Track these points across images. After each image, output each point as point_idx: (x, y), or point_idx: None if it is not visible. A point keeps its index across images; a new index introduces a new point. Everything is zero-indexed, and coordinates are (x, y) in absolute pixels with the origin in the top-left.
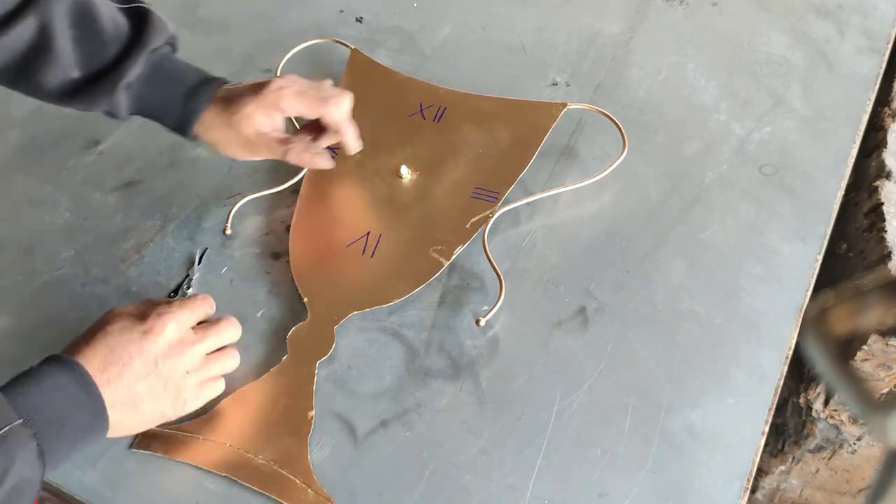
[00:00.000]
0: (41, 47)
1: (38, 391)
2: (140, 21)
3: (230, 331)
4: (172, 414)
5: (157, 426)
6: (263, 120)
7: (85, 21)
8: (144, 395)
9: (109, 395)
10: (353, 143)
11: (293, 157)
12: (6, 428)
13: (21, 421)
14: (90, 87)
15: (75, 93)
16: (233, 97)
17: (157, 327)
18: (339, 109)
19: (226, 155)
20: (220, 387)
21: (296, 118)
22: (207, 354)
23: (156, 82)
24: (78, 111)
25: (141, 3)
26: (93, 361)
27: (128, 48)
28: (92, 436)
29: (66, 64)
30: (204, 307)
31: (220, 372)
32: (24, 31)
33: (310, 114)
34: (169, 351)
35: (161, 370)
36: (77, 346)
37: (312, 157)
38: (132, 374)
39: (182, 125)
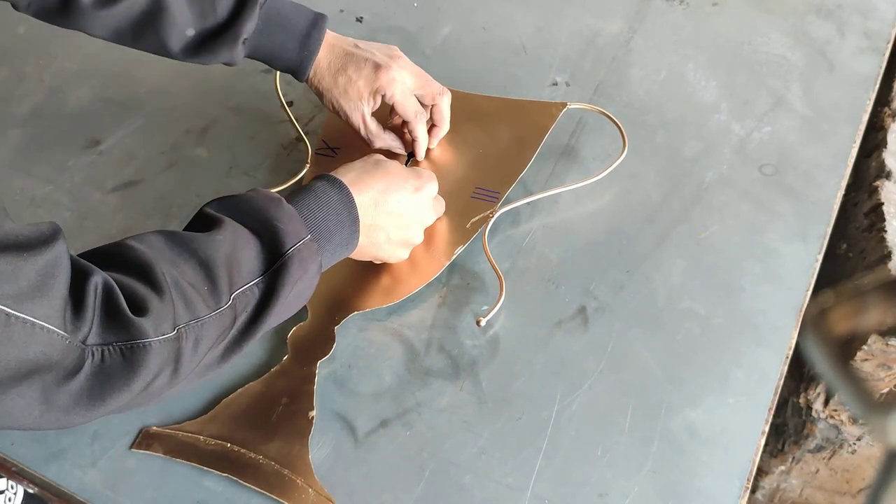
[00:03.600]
0: (155, 10)
1: (319, 208)
2: None
3: (437, 183)
4: (387, 257)
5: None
6: (356, 102)
7: None
8: (388, 233)
9: (364, 220)
10: (435, 141)
11: (375, 145)
12: (301, 241)
13: (310, 236)
14: (209, 43)
15: (196, 49)
16: (352, 55)
17: (427, 189)
18: (446, 100)
19: (327, 104)
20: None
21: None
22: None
23: (271, 32)
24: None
25: None
26: (365, 191)
27: (240, 7)
28: (344, 250)
29: (182, 23)
30: (436, 182)
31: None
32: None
33: (403, 113)
34: (422, 205)
35: (409, 223)
36: (352, 173)
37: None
38: (388, 217)
39: (297, 72)
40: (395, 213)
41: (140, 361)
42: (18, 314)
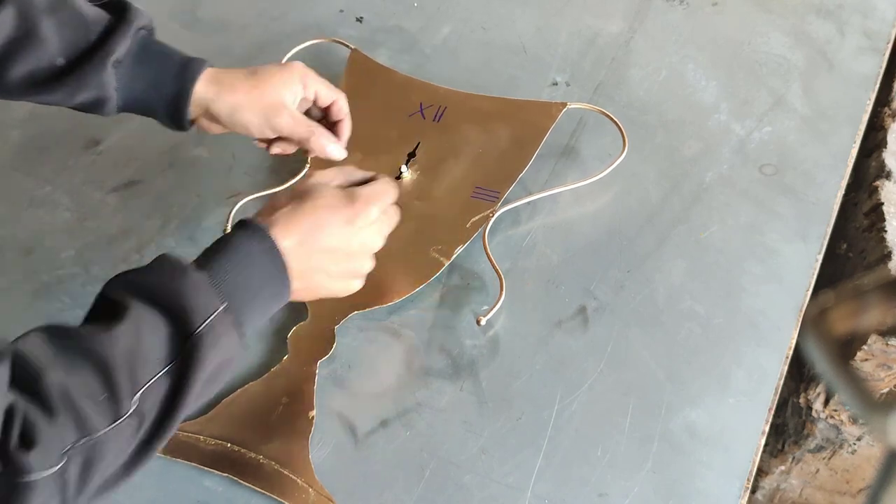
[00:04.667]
0: (24, 36)
1: (234, 268)
2: (119, 8)
3: (394, 190)
4: (336, 293)
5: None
6: (288, 91)
7: (63, 7)
8: (329, 271)
9: (296, 266)
10: (348, 134)
11: (316, 141)
12: (212, 316)
13: (224, 306)
14: (77, 69)
15: (61, 79)
16: (250, 68)
17: (363, 216)
18: (346, 101)
19: (238, 122)
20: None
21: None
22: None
23: (146, 58)
24: (64, 106)
25: None
26: (292, 234)
27: (112, 27)
28: (275, 305)
29: (51, 51)
30: (396, 190)
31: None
32: (2, 22)
33: (328, 95)
34: (364, 237)
35: (349, 256)
36: (278, 214)
37: (331, 146)
38: (324, 255)
39: (179, 97)
40: (329, 250)
41: (20, 499)
42: None
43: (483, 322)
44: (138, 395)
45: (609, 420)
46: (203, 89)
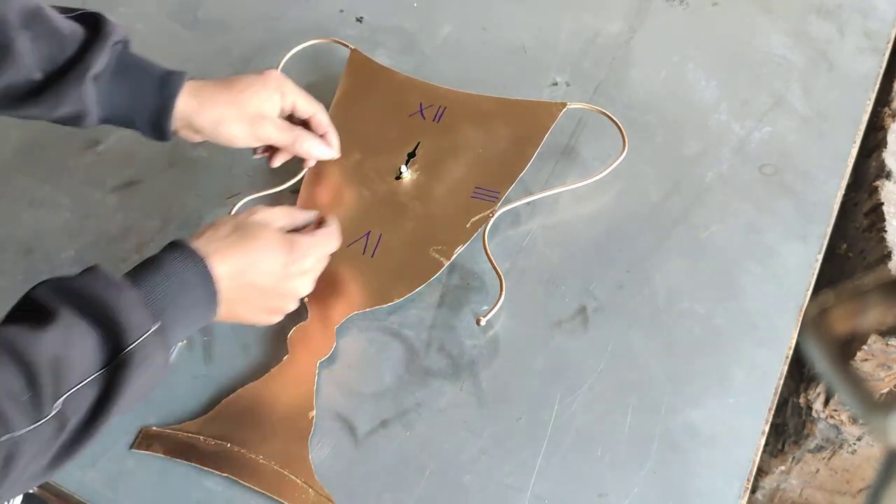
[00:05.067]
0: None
1: (169, 289)
2: (93, 22)
3: (335, 242)
4: (254, 323)
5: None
6: (267, 100)
7: (38, 21)
8: (253, 305)
9: (224, 294)
10: (336, 144)
11: (302, 145)
12: (145, 335)
13: (156, 327)
14: (55, 83)
15: (39, 93)
16: (228, 79)
17: (298, 266)
18: (326, 113)
19: (222, 134)
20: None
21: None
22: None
23: (125, 72)
24: (43, 120)
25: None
26: (225, 265)
27: (89, 41)
28: (200, 323)
29: (28, 65)
30: (337, 240)
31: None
32: None
33: (306, 108)
34: (291, 284)
35: (274, 297)
36: (216, 243)
37: (319, 148)
38: (252, 291)
39: (161, 111)
40: (257, 289)
41: None
42: None
43: (483, 322)
44: (61, 400)
45: (609, 420)
46: (184, 103)
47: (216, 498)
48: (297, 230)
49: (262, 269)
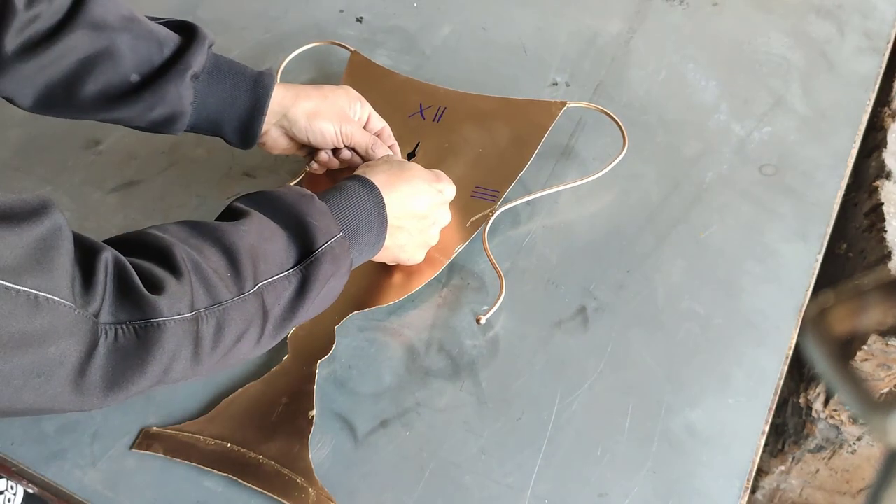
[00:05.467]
0: (101, 54)
1: (350, 207)
2: (186, 27)
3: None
4: (407, 258)
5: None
6: (351, 105)
7: (136, 24)
8: (410, 233)
9: (392, 220)
10: (399, 156)
11: (377, 151)
12: (333, 239)
13: (342, 234)
14: (155, 82)
15: (138, 93)
16: (316, 85)
17: (447, 192)
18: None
19: (313, 128)
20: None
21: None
22: None
23: (220, 72)
24: (134, 126)
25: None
26: (392, 192)
27: (187, 44)
28: (371, 251)
29: (127, 66)
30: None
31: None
32: (77, 39)
33: (377, 122)
34: (441, 208)
35: (429, 225)
36: (380, 175)
37: (391, 155)
38: (412, 219)
39: (256, 106)
40: (419, 216)
41: (155, 341)
42: (19, 287)
43: (483, 322)
44: (261, 284)
45: (609, 420)
46: (280, 96)
47: (216, 498)
48: None
49: (420, 196)
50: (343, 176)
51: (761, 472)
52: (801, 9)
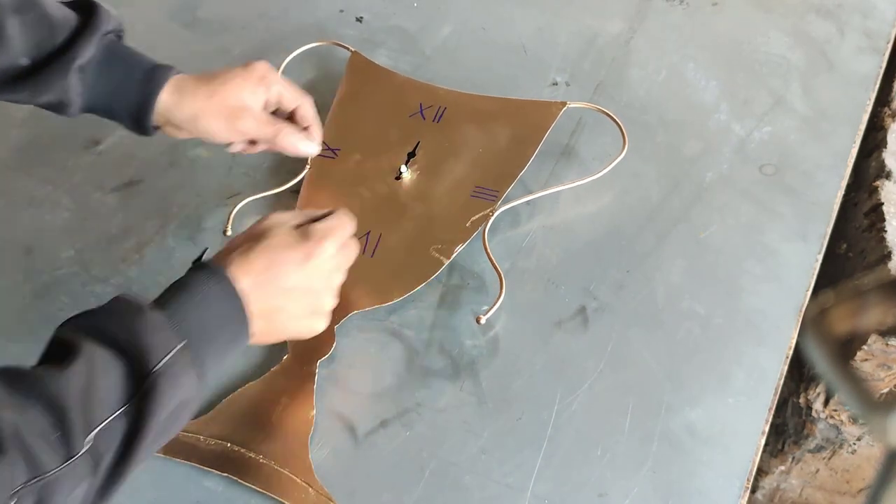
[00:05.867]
0: None
1: (193, 308)
2: (87, 9)
3: (349, 223)
4: (301, 333)
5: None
6: (249, 93)
7: (30, 7)
8: (290, 311)
9: (255, 307)
10: (319, 138)
11: (284, 140)
12: (169, 354)
13: (182, 345)
14: (40, 71)
15: (24, 79)
16: (212, 73)
17: (319, 253)
18: (312, 104)
19: (201, 129)
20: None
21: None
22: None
23: (111, 64)
24: (27, 104)
25: None
26: (248, 274)
27: (79, 31)
28: (234, 347)
29: (15, 50)
30: (353, 223)
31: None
32: None
33: (292, 99)
34: (322, 272)
35: (308, 293)
36: (234, 254)
37: (301, 142)
38: (283, 295)
39: (142, 106)
40: (288, 290)
41: None
42: None
43: (483, 322)
44: (93, 434)
45: (609, 420)
46: (165, 98)
47: (216, 498)
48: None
49: (284, 267)
50: None
51: (761, 472)
52: (801, 9)
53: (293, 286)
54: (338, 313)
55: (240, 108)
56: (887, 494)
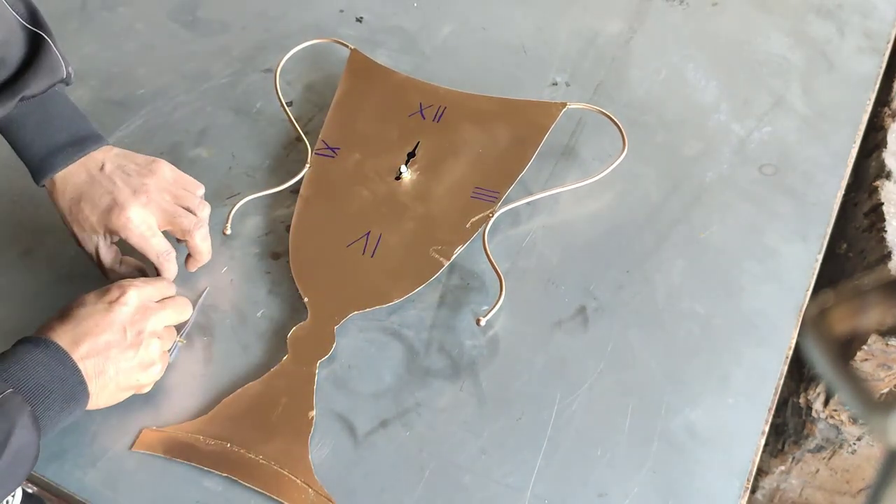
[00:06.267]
0: None
1: (18, 367)
2: (33, 52)
3: (185, 308)
4: (145, 381)
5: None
6: (103, 233)
7: None
8: (117, 362)
9: (84, 367)
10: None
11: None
12: (0, 396)
13: (12, 390)
14: None
15: None
16: (89, 189)
17: (121, 297)
18: (199, 235)
19: (64, 222)
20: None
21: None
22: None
23: (35, 118)
24: None
25: (42, 32)
26: (64, 336)
27: (19, 72)
28: (76, 405)
29: None
30: (163, 284)
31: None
32: None
33: (150, 258)
34: (133, 318)
35: (128, 337)
36: (48, 325)
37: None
38: (103, 344)
39: (33, 174)
40: (101, 346)
41: None
42: None
43: (483, 322)
44: None
45: (609, 420)
46: (50, 186)
47: (216, 498)
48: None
49: (87, 325)
50: None
51: (761, 472)
52: (801, 9)
53: (108, 337)
54: (338, 313)
55: (82, 241)
56: (887, 494)
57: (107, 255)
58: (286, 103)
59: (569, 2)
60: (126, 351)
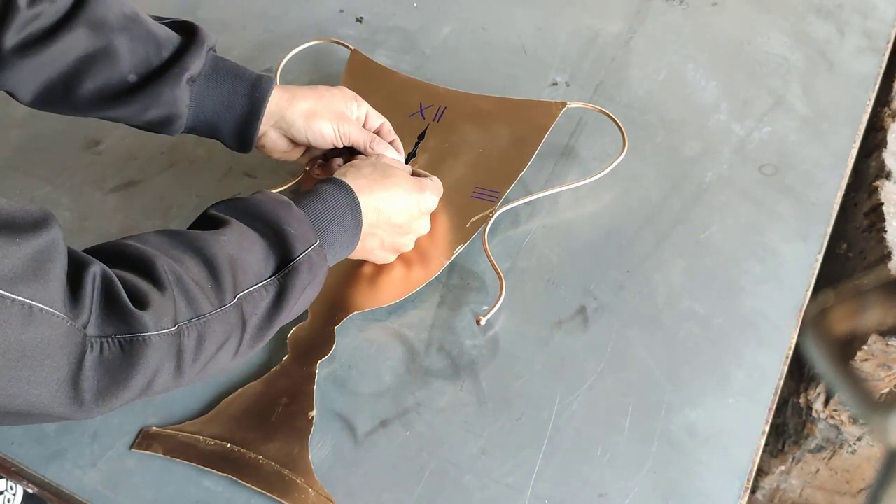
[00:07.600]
0: (98, 52)
1: (324, 211)
2: (187, 28)
3: (441, 189)
4: (376, 260)
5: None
6: (347, 105)
7: (136, 25)
8: (382, 241)
9: (365, 226)
10: (402, 151)
11: (378, 146)
12: (311, 248)
13: (318, 242)
14: (151, 84)
15: (134, 94)
16: (311, 86)
17: (427, 203)
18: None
19: (311, 129)
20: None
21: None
22: None
23: (218, 75)
24: (131, 124)
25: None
26: (371, 199)
27: (185, 46)
28: (345, 252)
29: (124, 67)
30: (441, 188)
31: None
32: (76, 38)
33: (376, 119)
34: (420, 222)
35: (404, 234)
36: (364, 181)
37: (389, 150)
38: (386, 226)
39: (252, 110)
40: (393, 224)
41: (139, 356)
42: (14, 296)
43: (483, 322)
44: (240, 295)
45: (609, 420)
46: (277, 97)
47: (216, 498)
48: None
49: (396, 207)
50: None
51: (761, 472)
52: (801, 9)
53: (397, 223)
54: (338, 313)
55: (343, 115)
56: (887, 494)
57: (359, 135)
58: None
59: (569, 2)
60: (395, 238)
